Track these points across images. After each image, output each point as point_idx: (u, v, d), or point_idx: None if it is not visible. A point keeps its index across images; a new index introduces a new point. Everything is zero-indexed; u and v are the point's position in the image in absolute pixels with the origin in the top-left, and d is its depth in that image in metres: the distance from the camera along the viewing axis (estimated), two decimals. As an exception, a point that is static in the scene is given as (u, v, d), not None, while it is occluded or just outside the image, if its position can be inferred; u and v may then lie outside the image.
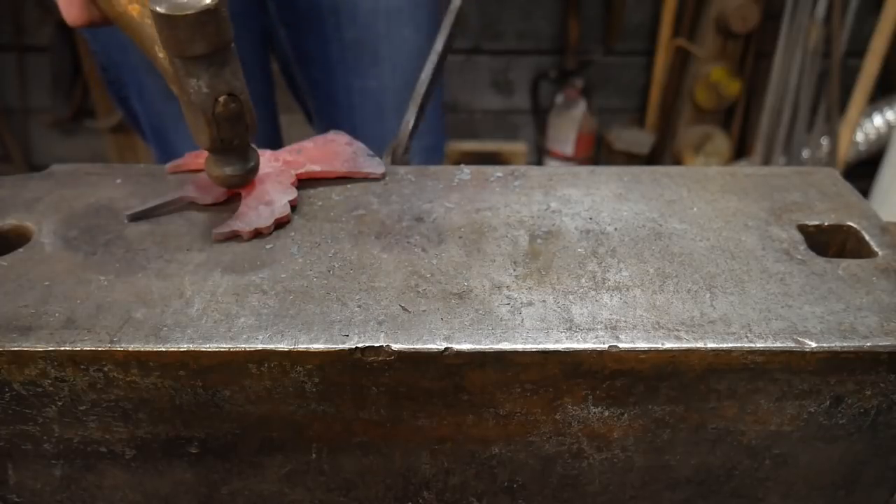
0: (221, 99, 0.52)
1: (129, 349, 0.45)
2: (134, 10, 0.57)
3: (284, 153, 0.65)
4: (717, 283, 0.52)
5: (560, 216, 0.59)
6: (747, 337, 0.47)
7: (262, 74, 1.08)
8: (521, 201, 0.61)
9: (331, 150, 0.66)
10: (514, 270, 0.53)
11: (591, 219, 0.59)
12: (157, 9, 0.47)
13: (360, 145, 0.67)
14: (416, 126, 0.69)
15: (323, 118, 1.10)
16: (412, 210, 0.60)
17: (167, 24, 0.48)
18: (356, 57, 1.00)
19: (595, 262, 0.54)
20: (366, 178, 0.64)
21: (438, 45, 0.70)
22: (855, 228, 0.58)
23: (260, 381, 0.47)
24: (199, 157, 0.64)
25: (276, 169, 0.62)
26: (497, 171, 0.65)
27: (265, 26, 1.04)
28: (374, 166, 0.64)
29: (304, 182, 0.63)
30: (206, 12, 0.48)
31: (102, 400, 0.47)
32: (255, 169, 0.59)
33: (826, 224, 0.59)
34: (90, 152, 2.50)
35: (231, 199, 0.60)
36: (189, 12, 0.47)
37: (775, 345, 0.46)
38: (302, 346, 0.46)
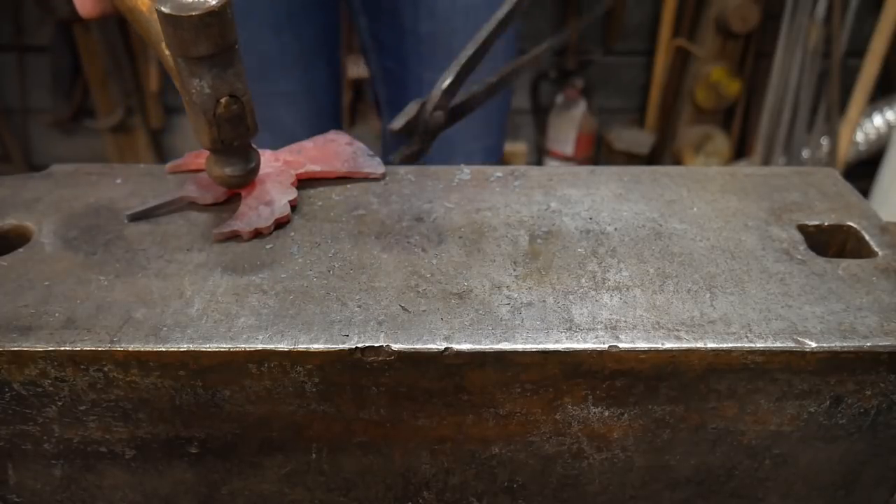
0: (223, 100, 0.52)
1: (129, 349, 0.45)
2: (143, 4, 0.57)
3: (284, 153, 0.65)
4: (717, 283, 0.52)
5: (560, 216, 0.59)
6: (747, 337, 0.47)
7: (329, 68, 1.11)
8: (521, 201, 0.61)
9: (331, 150, 0.66)
10: (514, 270, 0.53)
11: (591, 219, 0.59)
12: (162, 8, 0.47)
13: (360, 145, 0.67)
14: (452, 86, 0.67)
15: (394, 108, 1.12)
16: (412, 210, 0.60)
17: (171, 24, 0.48)
18: (430, 50, 1.02)
19: (595, 262, 0.54)
20: (366, 178, 0.64)
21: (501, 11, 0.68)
22: (855, 228, 0.58)
23: (260, 381, 0.47)
24: (199, 157, 0.64)
25: (276, 169, 0.62)
26: (497, 171, 0.65)
27: (338, 21, 1.08)
28: (374, 166, 0.64)
29: (304, 182, 0.63)
30: (211, 14, 0.48)
31: (102, 400, 0.47)
32: (256, 169, 0.59)
33: (826, 224, 0.59)
34: (90, 152, 2.50)
35: (231, 199, 0.60)
36: (194, 13, 0.47)
37: (775, 345, 0.46)
38: (302, 346, 0.46)
